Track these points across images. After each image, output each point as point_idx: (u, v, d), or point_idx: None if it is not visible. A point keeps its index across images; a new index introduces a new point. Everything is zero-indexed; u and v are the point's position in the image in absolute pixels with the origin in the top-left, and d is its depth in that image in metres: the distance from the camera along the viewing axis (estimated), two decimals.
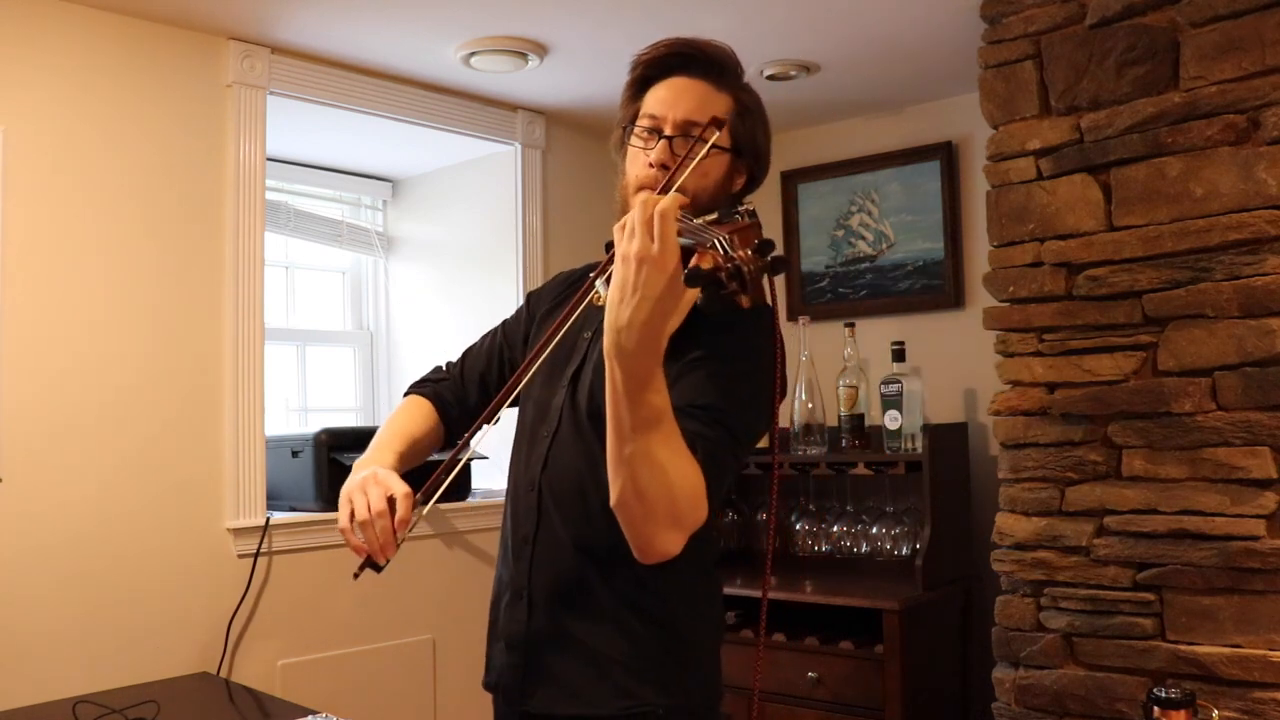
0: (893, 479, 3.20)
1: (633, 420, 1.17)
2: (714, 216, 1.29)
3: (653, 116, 1.42)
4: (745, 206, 1.26)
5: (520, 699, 1.43)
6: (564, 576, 1.42)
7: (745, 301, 1.05)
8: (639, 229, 1.12)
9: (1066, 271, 2.42)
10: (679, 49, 1.44)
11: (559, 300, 1.60)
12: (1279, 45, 2.15)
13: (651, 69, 1.45)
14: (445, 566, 3.05)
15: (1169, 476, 2.29)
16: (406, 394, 1.71)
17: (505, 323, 1.72)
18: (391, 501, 1.34)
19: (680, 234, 1.14)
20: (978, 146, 3.07)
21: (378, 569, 1.37)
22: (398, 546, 1.35)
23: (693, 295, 1.14)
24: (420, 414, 1.65)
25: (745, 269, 1.04)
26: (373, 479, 1.37)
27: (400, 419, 1.63)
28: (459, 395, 1.67)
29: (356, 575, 1.38)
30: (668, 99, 1.41)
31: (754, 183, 1.50)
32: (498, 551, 1.57)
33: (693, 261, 1.12)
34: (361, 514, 1.34)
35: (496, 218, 3.38)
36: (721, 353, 1.31)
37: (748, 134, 1.44)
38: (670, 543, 1.25)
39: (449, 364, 1.74)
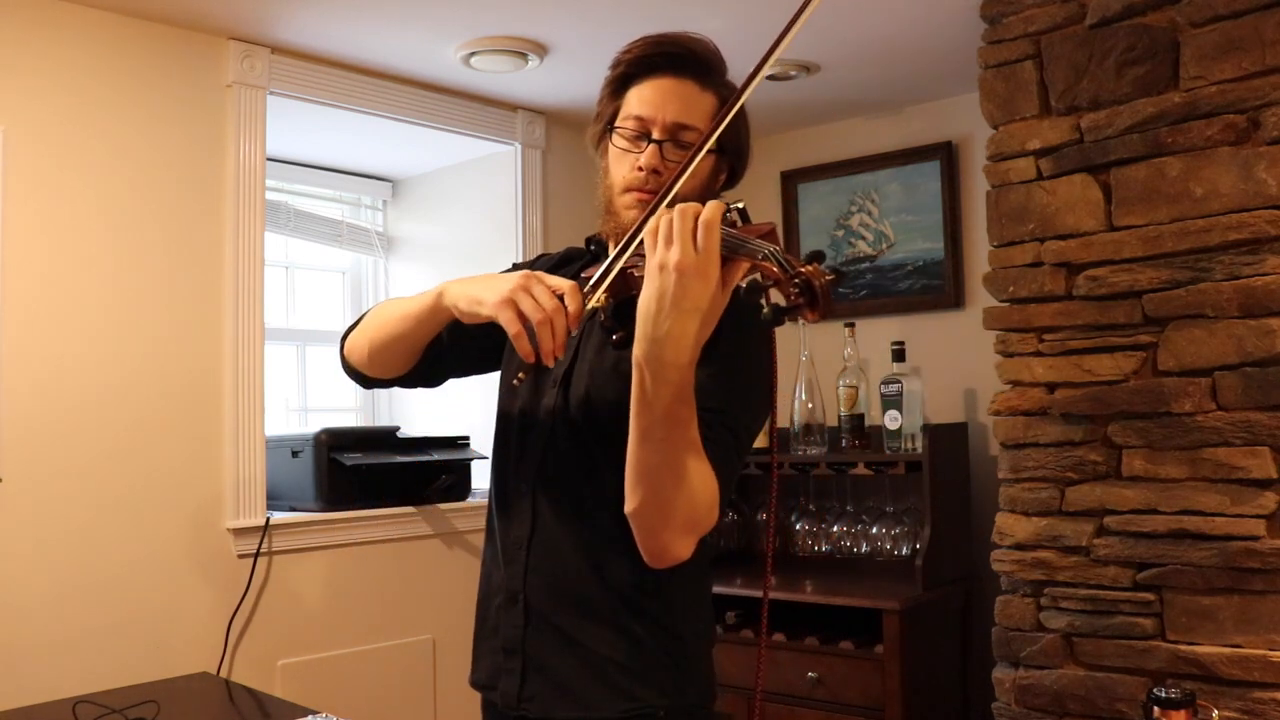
0: (893, 479, 3.20)
1: (663, 430, 1.16)
2: None
3: (639, 118, 1.39)
4: (736, 204, 1.26)
5: (518, 704, 1.42)
6: (562, 580, 1.41)
7: (813, 317, 1.02)
8: (679, 239, 1.09)
9: (1066, 271, 2.42)
10: (665, 48, 1.40)
11: None
12: (1279, 45, 2.15)
13: (634, 67, 1.41)
14: (445, 566, 3.05)
15: (1169, 476, 2.29)
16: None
17: None
18: (560, 298, 1.24)
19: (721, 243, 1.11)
20: (978, 146, 3.07)
21: (544, 370, 1.27)
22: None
23: (725, 303, 1.12)
24: None
25: (816, 283, 1.01)
26: (533, 277, 1.25)
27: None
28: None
29: (519, 381, 1.29)
30: (655, 101, 1.38)
31: (734, 179, 1.49)
32: (484, 549, 1.55)
33: (734, 272, 1.09)
34: (537, 314, 1.22)
35: (496, 218, 3.38)
36: (721, 353, 1.29)
37: (732, 132, 1.41)
38: (685, 548, 1.25)
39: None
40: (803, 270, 1.02)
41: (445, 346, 1.53)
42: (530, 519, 1.43)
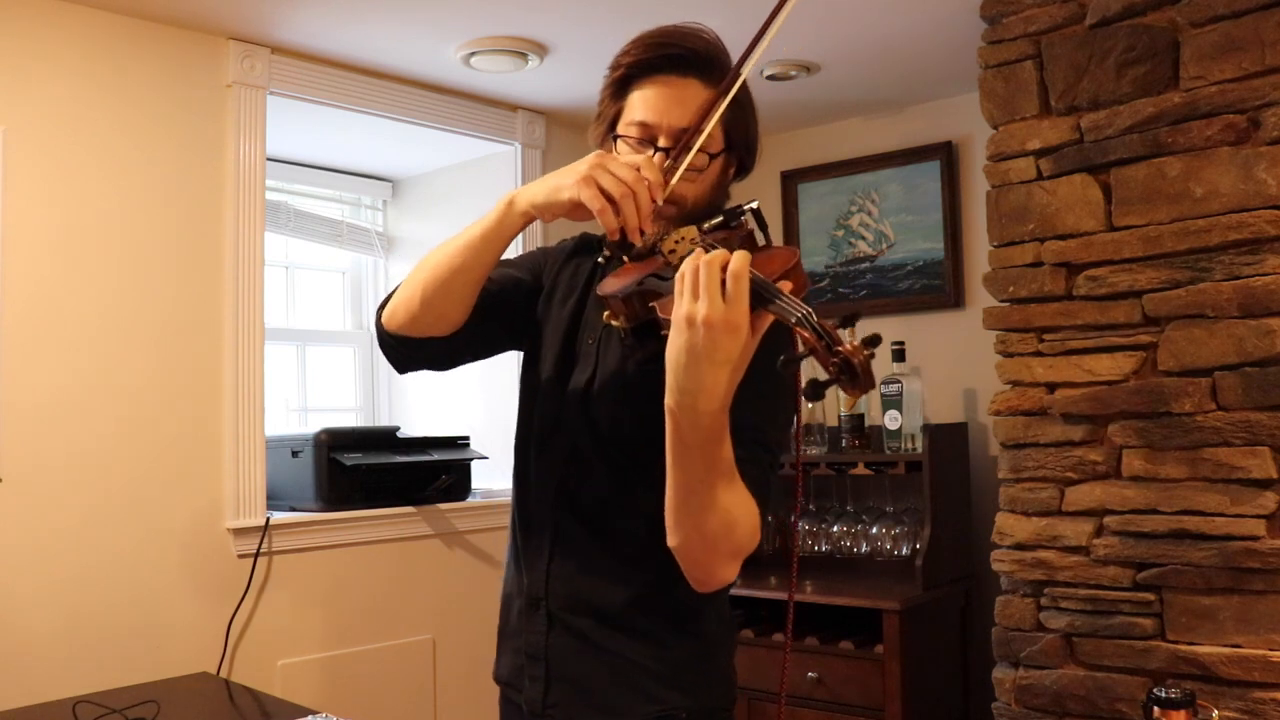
0: (893, 479, 3.20)
1: (702, 473, 1.14)
2: (719, 220, 1.26)
3: (644, 124, 1.34)
4: (751, 205, 1.23)
5: (542, 710, 1.40)
6: (585, 588, 1.39)
7: (855, 394, 0.99)
8: (707, 291, 1.05)
9: (1066, 271, 2.42)
10: (665, 49, 1.34)
11: (558, 282, 1.51)
12: (1279, 45, 2.15)
13: (635, 69, 1.36)
14: (445, 566, 3.05)
15: (1169, 476, 2.29)
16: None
17: (512, 261, 1.55)
18: (639, 165, 1.21)
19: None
20: (978, 146, 3.08)
21: (629, 250, 1.22)
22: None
23: (754, 348, 1.10)
24: None
25: (855, 362, 0.97)
26: (605, 155, 1.24)
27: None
28: None
29: (605, 259, 1.22)
30: (658, 105, 1.33)
31: (744, 171, 1.45)
32: (507, 549, 1.52)
33: (764, 319, 1.06)
34: (618, 188, 1.19)
35: None
36: (747, 371, 1.24)
37: (740, 127, 1.37)
38: (731, 573, 1.24)
39: None
40: (841, 349, 0.98)
41: (493, 291, 1.44)
42: (553, 526, 1.41)
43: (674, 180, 1.28)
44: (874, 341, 1.00)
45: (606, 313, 1.24)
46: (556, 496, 1.41)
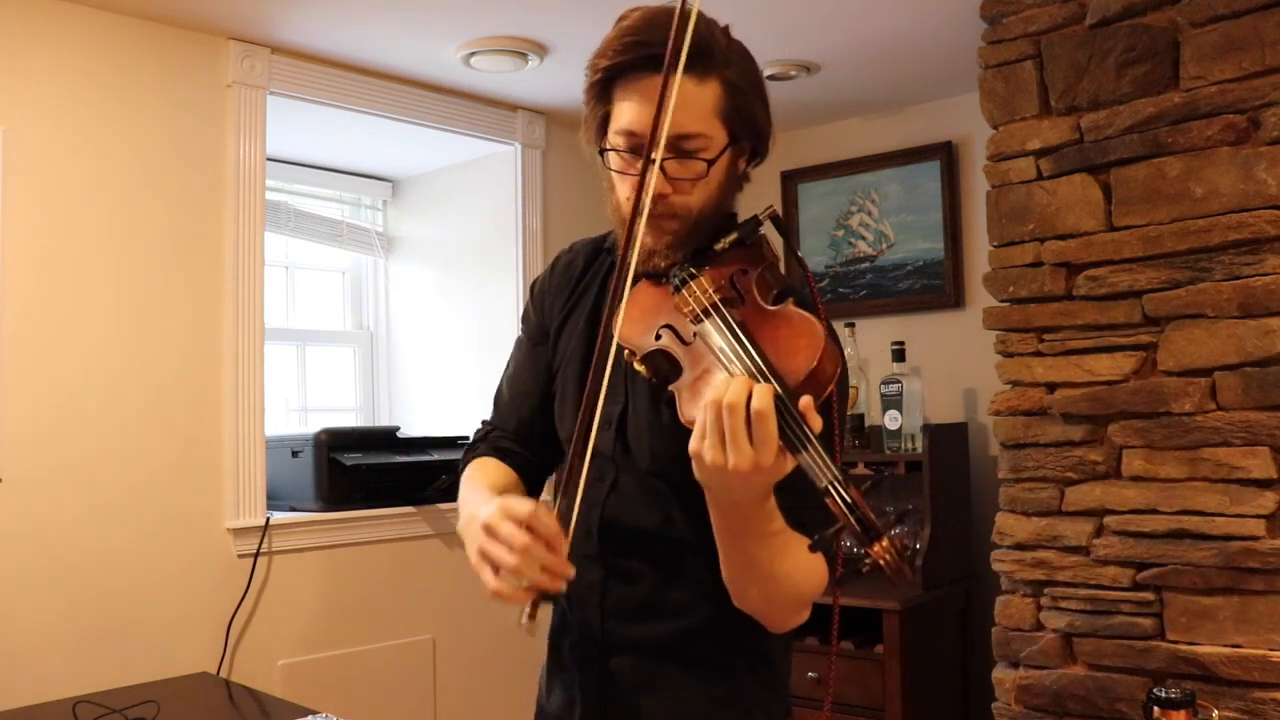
0: (893, 479, 3.20)
1: (756, 551, 1.12)
2: (735, 237, 1.20)
3: (630, 133, 1.22)
4: (767, 213, 1.20)
5: None
6: (641, 624, 1.33)
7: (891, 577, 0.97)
8: (733, 442, 1.00)
9: (1066, 271, 2.42)
10: (648, 47, 1.20)
11: (569, 307, 1.45)
12: (1279, 45, 2.15)
13: (615, 71, 1.25)
14: (445, 566, 3.05)
15: (1169, 476, 2.29)
16: (462, 468, 1.54)
17: (521, 340, 1.51)
18: (528, 524, 1.11)
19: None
20: (978, 146, 3.07)
21: (555, 599, 1.15)
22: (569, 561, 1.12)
23: (789, 467, 1.04)
24: (493, 467, 1.49)
25: (884, 561, 0.95)
26: (486, 518, 1.15)
27: (475, 477, 1.48)
28: (519, 435, 1.51)
29: (531, 617, 1.12)
30: (646, 112, 1.19)
31: (757, 156, 1.31)
32: None
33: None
34: (510, 560, 1.10)
35: (496, 218, 3.38)
36: None
37: (745, 114, 1.24)
38: (801, 618, 1.22)
39: (485, 421, 1.57)
40: (872, 551, 0.96)
41: (536, 413, 1.44)
42: (599, 562, 1.34)
43: (685, 199, 1.21)
44: (910, 515, 0.99)
45: (628, 352, 1.18)
46: (601, 531, 1.34)
